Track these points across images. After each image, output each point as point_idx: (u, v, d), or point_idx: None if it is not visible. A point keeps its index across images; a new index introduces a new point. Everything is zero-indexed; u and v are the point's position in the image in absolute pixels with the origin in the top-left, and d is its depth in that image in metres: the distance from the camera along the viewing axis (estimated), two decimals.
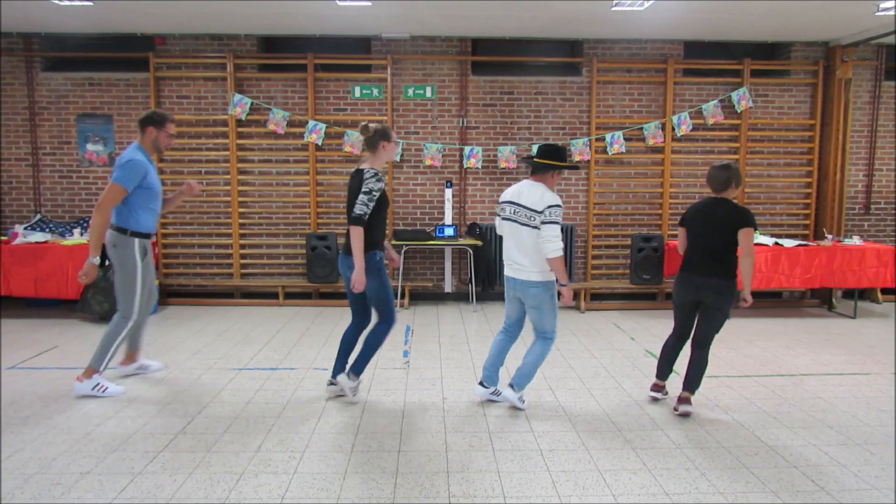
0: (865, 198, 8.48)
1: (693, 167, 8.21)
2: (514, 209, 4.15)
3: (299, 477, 3.32)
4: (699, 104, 8.10)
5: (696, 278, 4.16)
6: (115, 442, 3.73)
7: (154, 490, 3.16)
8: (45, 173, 8.06)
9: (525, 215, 4.07)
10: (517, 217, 4.12)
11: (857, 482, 3.32)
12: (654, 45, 8.08)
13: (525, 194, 4.11)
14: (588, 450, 3.70)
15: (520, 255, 4.13)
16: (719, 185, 4.19)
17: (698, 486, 3.26)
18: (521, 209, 4.10)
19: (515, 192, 4.20)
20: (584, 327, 6.88)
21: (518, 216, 4.11)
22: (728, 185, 4.16)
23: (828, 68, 8.06)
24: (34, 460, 3.48)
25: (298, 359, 5.54)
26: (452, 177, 8.17)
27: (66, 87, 7.95)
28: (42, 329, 6.51)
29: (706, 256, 4.14)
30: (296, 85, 8.01)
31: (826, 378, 5.12)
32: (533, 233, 4.03)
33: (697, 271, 4.17)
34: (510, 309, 4.40)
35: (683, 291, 4.27)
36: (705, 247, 4.15)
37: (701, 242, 4.18)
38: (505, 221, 4.23)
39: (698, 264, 4.17)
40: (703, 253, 4.16)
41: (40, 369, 5.16)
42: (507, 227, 4.21)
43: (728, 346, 6.11)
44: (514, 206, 4.15)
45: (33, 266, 6.82)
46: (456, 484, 3.26)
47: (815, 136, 8.18)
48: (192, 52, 7.93)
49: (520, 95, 8.12)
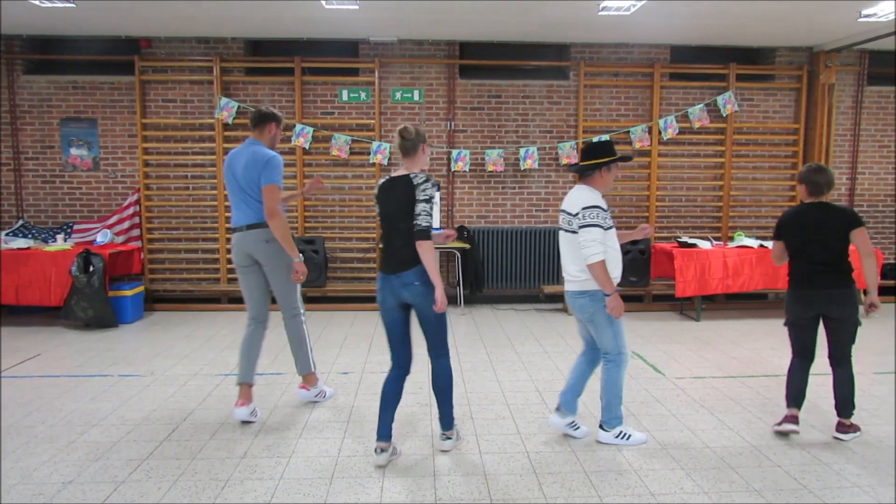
0: (849, 201, 8.57)
1: (679, 170, 8.27)
2: (562, 217, 3.87)
3: (285, 482, 3.30)
4: (685, 108, 8.16)
5: (816, 292, 3.81)
6: (99, 450, 3.69)
7: (138, 498, 3.13)
8: (28, 178, 7.98)
9: (566, 221, 3.80)
10: (561, 224, 3.86)
11: (840, 480, 3.35)
12: (640, 50, 8.13)
13: (568, 199, 3.85)
14: (574, 451, 3.70)
15: (567, 264, 3.84)
16: (821, 188, 3.83)
17: (683, 486, 3.27)
18: (563, 215, 3.84)
19: (566, 198, 3.91)
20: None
21: (562, 223, 3.86)
22: (831, 187, 3.85)
23: (812, 73, 8.15)
24: (16, 470, 3.43)
25: (285, 364, 5.50)
26: (440, 180, 8.18)
27: (48, 90, 7.88)
28: (25, 336, 6.43)
29: (821, 267, 3.80)
30: (283, 88, 7.98)
31: (810, 378, 5.14)
32: (574, 238, 3.72)
33: (815, 285, 3.81)
34: (581, 329, 4.00)
35: (802, 308, 3.88)
36: (819, 256, 3.80)
37: (813, 252, 3.81)
38: (560, 232, 3.92)
39: (814, 276, 3.81)
40: (816, 263, 3.81)
41: (24, 377, 5.10)
42: (560, 236, 3.89)
43: (715, 347, 6.15)
44: (562, 213, 3.87)
45: (15, 273, 6.75)
46: (442, 487, 3.26)
47: (800, 140, 8.27)
48: (178, 55, 7.89)
49: (507, 99, 8.14)
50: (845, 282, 3.79)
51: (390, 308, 3.60)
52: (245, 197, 4.13)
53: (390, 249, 3.56)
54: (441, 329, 3.65)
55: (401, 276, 3.50)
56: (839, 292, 3.77)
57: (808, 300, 3.84)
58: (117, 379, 5.03)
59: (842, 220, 3.76)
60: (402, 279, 3.49)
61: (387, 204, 3.58)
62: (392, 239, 3.56)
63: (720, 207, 8.35)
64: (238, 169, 4.12)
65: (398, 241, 3.52)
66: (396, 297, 3.56)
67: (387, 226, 3.60)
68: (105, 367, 5.38)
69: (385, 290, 3.58)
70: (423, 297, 3.51)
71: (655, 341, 6.38)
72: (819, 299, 3.80)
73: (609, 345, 3.77)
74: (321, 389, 4.57)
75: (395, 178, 3.59)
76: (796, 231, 3.86)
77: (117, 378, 5.05)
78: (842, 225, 3.75)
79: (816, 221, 3.80)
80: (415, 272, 3.49)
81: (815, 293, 3.81)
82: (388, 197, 3.57)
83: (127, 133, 7.94)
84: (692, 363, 5.59)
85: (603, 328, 3.75)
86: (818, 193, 3.83)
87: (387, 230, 3.60)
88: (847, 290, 3.79)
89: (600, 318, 3.73)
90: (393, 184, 3.57)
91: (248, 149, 4.17)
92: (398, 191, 3.52)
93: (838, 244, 3.78)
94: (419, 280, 3.49)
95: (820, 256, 3.79)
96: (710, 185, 8.35)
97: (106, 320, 6.73)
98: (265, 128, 4.24)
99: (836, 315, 3.81)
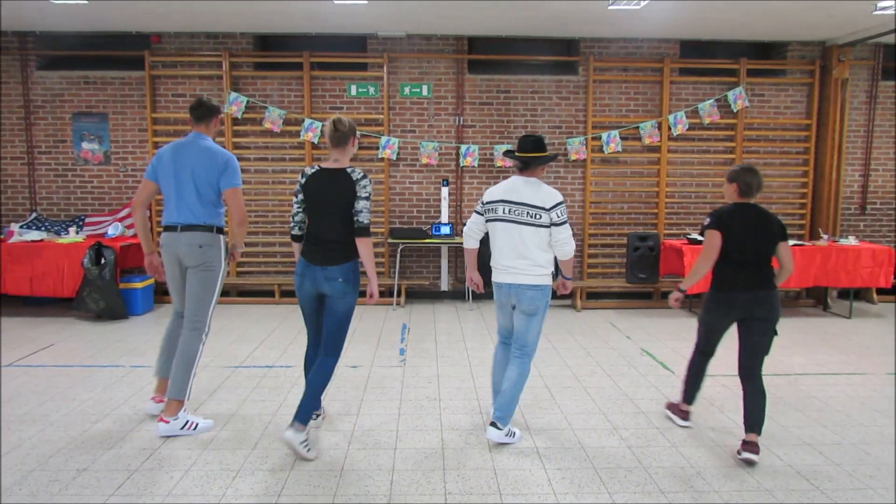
0: (861, 198, 8.51)
1: (689, 166, 8.24)
2: (511, 208, 3.77)
3: (296, 474, 3.33)
4: (695, 103, 8.12)
5: (742, 294, 3.69)
6: (112, 439, 3.73)
7: (150, 487, 3.16)
8: (41, 172, 8.04)
9: (528, 213, 3.73)
10: (516, 216, 3.76)
11: (852, 481, 3.34)
12: (650, 45, 8.10)
13: (522, 192, 3.75)
14: (584, 448, 3.71)
15: (515, 257, 3.78)
16: (751, 190, 3.74)
17: (694, 485, 3.27)
18: (521, 207, 3.74)
19: (507, 189, 3.82)
20: (580, 326, 6.89)
21: (518, 215, 3.75)
22: (760, 189, 3.77)
23: (824, 68, 8.09)
24: (32, 457, 3.48)
25: (295, 357, 5.54)
26: (449, 175, 8.18)
27: (61, 85, 7.93)
28: (38, 327, 6.49)
29: (751, 268, 3.70)
30: (292, 83, 8.00)
31: (821, 378, 5.14)
32: (538, 232, 3.73)
33: (743, 286, 3.69)
34: (504, 320, 4.01)
35: (726, 311, 3.78)
36: (751, 258, 3.70)
37: (746, 253, 3.69)
38: (497, 223, 3.83)
39: (743, 278, 3.70)
40: (748, 264, 3.70)
41: (37, 367, 5.15)
42: (501, 227, 3.81)
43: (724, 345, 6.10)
44: (511, 204, 3.77)
45: (29, 264, 6.81)
46: (452, 481, 3.27)
47: (812, 136, 8.21)
48: (187, 50, 7.91)
49: (516, 94, 8.13)
50: (772, 284, 3.71)
51: (307, 296, 3.67)
52: (191, 195, 3.83)
53: (319, 242, 3.59)
54: (343, 328, 3.66)
55: (326, 270, 3.55)
56: (766, 293, 3.67)
57: (734, 304, 3.73)
58: (129, 369, 5.07)
59: (778, 226, 3.71)
60: (327, 273, 3.55)
61: (321, 196, 3.58)
62: (323, 231, 3.58)
63: None
64: (187, 164, 3.82)
65: (330, 234, 3.57)
66: (316, 287, 3.61)
67: (318, 217, 3.61)
68: (117, 357, 5.43)
69: (305, 277, 3.62)
70: (341, 293, 3.57)
71: (664, 338, 6.36)
72: (745, 302, 3.68)
73: (533, 338, 3.86)
74: (189, 420, 3.84)
75: (330, 171, 3.61)
76: (734, 230, 3.70)
77: (129, 369, 5.09)
78: (777, 231, 3.69)
79: (755, 224, 3.71)
80: (341, 269, 3.55)
81: (742, 295, 3.69)
82: (323, 189, 3.58)
83: (137, 127, 7.98)
84: None
85: (538, 321, 3.85)
86: (749, 195, 3.75)
87: (317, 222, 3.61)
88: (773, 291, 3.70)
89: (543, 311, 3.85)
90: (328, 176, 3.59)
91: (197, 144, 3.89)
92: (337, 185, 3.56)
93: (769, 249, 3.71)
94: (343, 277, 3.56)
95: (752, 258, 3.69)
96: (719, 182, 8.30)
97: (117, 312, 6.79)
98: (212, 121, 4.00)
99: (761, 316, 3.67)
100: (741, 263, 3.69)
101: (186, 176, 3.83)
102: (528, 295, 3.78)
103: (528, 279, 3.78)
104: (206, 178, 3.84)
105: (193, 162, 3.83)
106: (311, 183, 3.62)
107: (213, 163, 3.84)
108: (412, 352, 5.77)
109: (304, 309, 3.75)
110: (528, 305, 3.80)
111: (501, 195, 3.83)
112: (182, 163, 3.85)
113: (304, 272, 3.63)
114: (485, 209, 3.91)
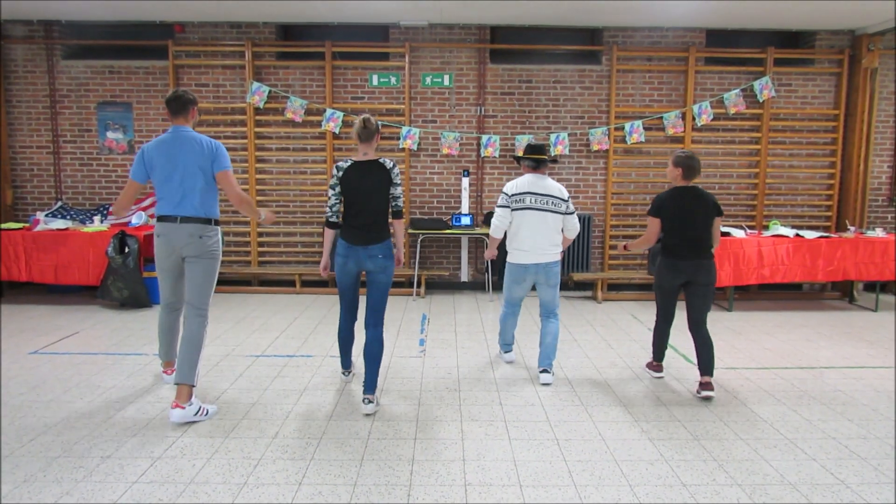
0: (889, 189, 8.34)
1: (713, 157, 8.12)
2: (537, 198, 4.59)
3: (316, 463, 3.35)
4: (720, 93, 7.99)
5: (687, 262, 4.42)
6: (136, 427, 3.78)
7: (173, 474, 3.20)
8: (66, 161, 8.15)
9: (552, 203, 4.60)
10: (543, 205, 4.59)
11: (878, 476, 3.28)
12: (675, 33, 7.97)
13: (546, 186, 4.63)
14: (605, 440, 3.69)
15: (545, 240, 4.60)
16: (693, 173, 4.45)
17: (716, 478, 3.24)
18: (546, 198, 4.60)
19: (532, 183, 4.63)
20: (601, 318, 6.85)
21: (544, 204, 4.59)
22: (699, 172, 4.48)
23: (853, 57, 7.92)
24: (57, 443, 3.53)
25: (315, 346, 5.57)
26: (469, 166, 8.15)
27: (86, 74, 8.01)
28: (63, 315, 6.60)
29: (692, 241, 4.42)
30: (314, 73, 8.01)
31: (847, 371, 5.06)
32: (556, 218, 4.62)
33: (687, 255, 4.42)
34: (520, 292, 4.83)
35: (673, 276, 4.51)
36: (691, 232, 4.41)
37: (687, 228, 4.41)
38: (526, 211, 4.59)
39: (686, 248, 4.42)
40: (689, 238, 4.42)
41: (62, 354, 5.23)
42: (533, 216, 4.58)
43: (747, 338, 6.06)
44: (539, 196, 4.60)
45: (54, 253, 6.92)
46: (472, 472, 3.27)
47: (839, 127, 8.05)
48: (210, 39, 7.95)
49: (538, 84, 8.06)
50: (710, 254, 4.46)
51: (350, 274, 4.14)
52: (186, 186, 3.91)
53: (360, 225, 4.03)
54: (385, 297, 4.14)
55: (368, 249, 4.02)
56: (706, 262, 4.42)
57: (680, 269, 4.45)
58: (152, 357, 5.13)
59: (712, 205, 4.43)
60: (369, 251, 4.03)
61: (360, 184, 4.02)
62: (363, 216, 4.03)
63: (755, 195, 8.19)
64: (178, 158, 3.91)
65: (369, 218, 4.03)
66: (359, 265, 4.08)
67: (358, 204, 4.03)
68: (140, 345, 5.50)
69: (349, 258, 4.06)
70: (382, 267, 4.06)
71: (686, 330, 6.25)
72: (689, 268, 4.41)
73: (558, 303, 4.80)
74: (200, 406, 3.92)
75: (365, 163, 4.05)
76: (675, 210, 4.42)
77: (152, 357, 5.15)
78: (711, 209, 4.42)
79: (692, 203, 4.41)
80: (381, 247, 4.05)
81: (686, 263, 4.41)
82: (361, 178, 4.02)
83: (161, 117, 8.04)
84: (725, 354, 5.51)
85: (558, 289, 4.76)
86: (691, 177, 4.44)
87: (358, 208, 4.04)
88: (711, 260, 4.44)
89: (559, 280, 4.76)
90: (364, 167, 4.04)
91: (182, 135, 3.96)
92: (374, 174, 4.03)
93: (706, 223, 4.42)
94: (383, 253, 4.05)
95: (692, 232, 4.40)
96: (744, 173, 8.19)
97: (140, 300, 6.88)
98: (189, 112, 4.05)
99: (703, 281, 4.42)
100: (683, 236, 4.43)
101: (179, 169, 3.91)
102: (554, 270, 4.68)
103: (553, 258, 4.66)
104: (200, 168, 3.93)
105: (184, 154, 3.92)
106: (348, 175, 4.03)
107: (202, 151, 3.94)
108: (432, 342, 5.77)
109: (343, 285, 4.21)
110: (554, 279, 4.70)
111: (527, 188, 4.62)
112: (172, 157, 3.92)
113: (347, 254, 4.06)
114: (511, 200, 4.63)
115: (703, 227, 4.42)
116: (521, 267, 4.67)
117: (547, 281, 4.68)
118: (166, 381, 4.50)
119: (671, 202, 4.46)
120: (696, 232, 4.40)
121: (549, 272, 4.65)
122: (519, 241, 4.64)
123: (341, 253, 4.08)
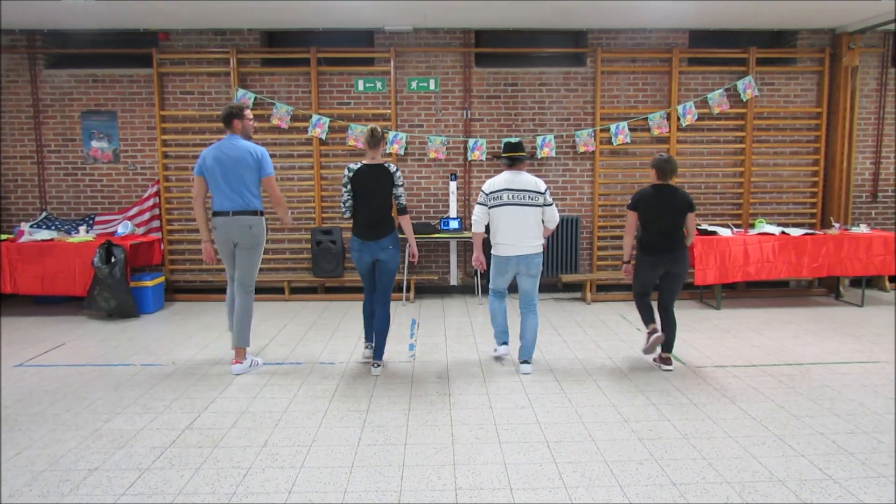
0: (872, 186, 8.43)
1: (699, 157, 8.17)
2: (514, 194, 4.83)
3: (306, 471, 3.33)
4: (704, 93, 8.05)
5: (662, 255, 4.89)
6: (123, 438, 3.75)
7: (162, 486, 3.18)
8: (50, 171, 8.08)
9: (529, 197, 4.83)
10: (520, 200, 4.83)
11: (865, 470, 3.31)
12: (658, 35, 8.03)
13: (522, 181, 4.86)
14: (595, 441, 3.70)
15: (526, 234, 4.84)
16: (667, 174, 4.90)
17: (705, 476, 3.26)
18: (523, 192, 4.83)
19: (508, 180, 4.87)
20: (590, 318, 6.87)
21: (521, 199, 4.83)
22: (674, 173, 4.94)
23: (834, 56, 8.00)
24: (42, 457, 3.50)
25: (304, 353, 5.55)
26: (457, 169, 8.16)
27: (69, 83, 7.96)
28: (50, 326, 6.54)
29: (667, 235, 4.89)
30: (299, 79, 7.99)
31: (833, 367, 5.10)
32: (535, 211, 4.85)
33: (662, 248, 4.89)
34: (503, 282, 5.14)
35: (653, 271, 4.98)
36: (666, 227, 4.89)
37: (662, 223, 4.88)
38: (506, 207, 4.84)
39: (662, 242, 4.89)
40: (664, 232, 4.89)
41: (49, 366, 5.19)
42: (511, 211, 4.83)
43: (736, 335, 6.10)
44: (516, 192, 4.83)
45: (40, 264, 6.86)
46: (462, 476, 3.27)
47: (822, 125, 8.13)
48: (195, 47, 7.92)
49: (524, 87, 8.09)
50: (683, 245, 4.93)
51: (365, 263, 4.89)
52: (237, 187, 4.80)
53: (370, 222, 4.77)
54: (392, 280, 4.91)
55: (379, 242, 4.78)
56: (680, 254, 4.90)
57: (656, 263, 4.92)
58: (140, 368, 5.09)
59: (685, 201, 4.90)
60: (380, 244, 4.78)
61: (368, 186, 4.74)
62: (371, 213, 4.77)
63: (741, 194, 8.25)
64: (229, 162, 4.77)
65: (377, 215, 4.77)
66: (372, 256, 4.83)
67: (367, 203, 4.76)
68: (128, 356, 5.46)
69: (363, 252, 4.83)
70: (391, 256, 4.83)
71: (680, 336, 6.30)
72: (665, 260, 4.89)
73: (536, 294, 5.04)
74: (252, 360, 5.10)
75: (373, 166, 4.76)
76: (651, 207, 4.89)
77: (140, 367, 5.12)
78: (684, 205, 4.88)
79: (666, 200, 4.87)
80: (389, 239, 4.81)
81: (662, 256, 4.88)
82: (370, 180, 4.74)
83: (146, 125, 8.01)
84: (713, 352, 5.55)
85: (538, 279, 5.03)
86: (665, 178, 4.92)
87: (367, 207, 4.76)
88: (685, 252, 4.94)
89: (540, 271, 5.01)
90: (372, 170, 4.75)
91: (233, 143, 4.83)
92: (381, 177, 4.75)
93: (680, 219, 4.90)
94: (391, 245, 4.82)
95: (667, 227, 4.88)
96: (730, 172, 8.25)
97: (128, 310, 6.83)
98: (231, 124, 4.88)
99: (676, 271, 4.92)
100: (659, 231, 4.90)
101: (231, 171, 4.78)
102: (535, 262, 4.92)
103: (533, 249, 4.88)
104: (248, 171, 4.80)
105: (234, 160, 4.78)
106: (358, 176, 4.75)
107: (249, 158, 4.81)
108: (421, 347, 5.77)
109: (361, 272, 4.96)
110: (535, 270, 4.95)
111: (504, 185, 4.86)
112: (224, 161, 4.78)
113: (361, 248, 4.82)
114: (489, 198, 4.89)
115: (675, 221, 4.88)
116: (504, 259, 4.95)
117: (528, 271, 4.94)
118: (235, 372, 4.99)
119: (646, 198, 4.92)
120: (668, 224, 4.87)
121: (530, 263, 4.90)
122: (501, 236, 4.90)
123: (355, 248, 4.84)
